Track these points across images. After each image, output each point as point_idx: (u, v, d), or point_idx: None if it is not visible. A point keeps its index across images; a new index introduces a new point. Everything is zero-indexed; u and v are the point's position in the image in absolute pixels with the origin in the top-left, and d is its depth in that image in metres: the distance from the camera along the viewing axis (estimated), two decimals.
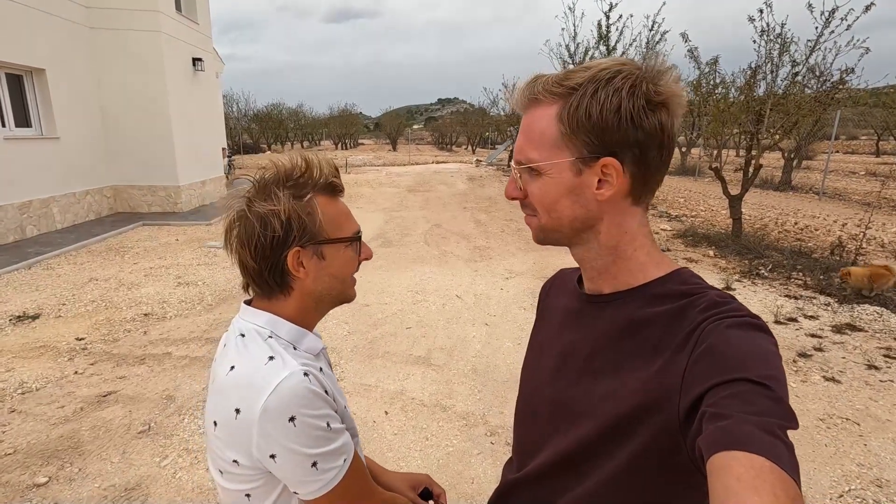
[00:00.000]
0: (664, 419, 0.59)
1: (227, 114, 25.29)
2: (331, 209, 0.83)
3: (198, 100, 11.51)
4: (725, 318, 0.59)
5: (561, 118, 0.65)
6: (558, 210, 0.69)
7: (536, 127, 0.68)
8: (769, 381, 0.52)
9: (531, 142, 0.69)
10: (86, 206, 9.25)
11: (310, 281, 0.82)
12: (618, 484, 0.65)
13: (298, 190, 0.80)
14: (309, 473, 0.74)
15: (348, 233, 0.86)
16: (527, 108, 0.70)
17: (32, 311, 4.81)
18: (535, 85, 0.68)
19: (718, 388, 0.53)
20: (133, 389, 3.43)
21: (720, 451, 0.47)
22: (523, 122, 0.71)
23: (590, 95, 0.63)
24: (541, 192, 0.69)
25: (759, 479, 0.43)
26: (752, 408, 0.50)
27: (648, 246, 0.72)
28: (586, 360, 0.72)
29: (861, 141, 40.97)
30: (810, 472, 2.67)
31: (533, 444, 0.79)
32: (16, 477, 2.54)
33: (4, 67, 7.72)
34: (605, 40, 10.98)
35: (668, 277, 0.69)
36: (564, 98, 0.65)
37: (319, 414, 0.74)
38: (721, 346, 0.56)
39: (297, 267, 0.80)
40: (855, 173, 19.99)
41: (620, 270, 0.71)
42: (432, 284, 5.88)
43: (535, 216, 0.73)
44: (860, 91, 7.37)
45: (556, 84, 0.66)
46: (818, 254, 7.16)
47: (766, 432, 0.47)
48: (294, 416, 0.71)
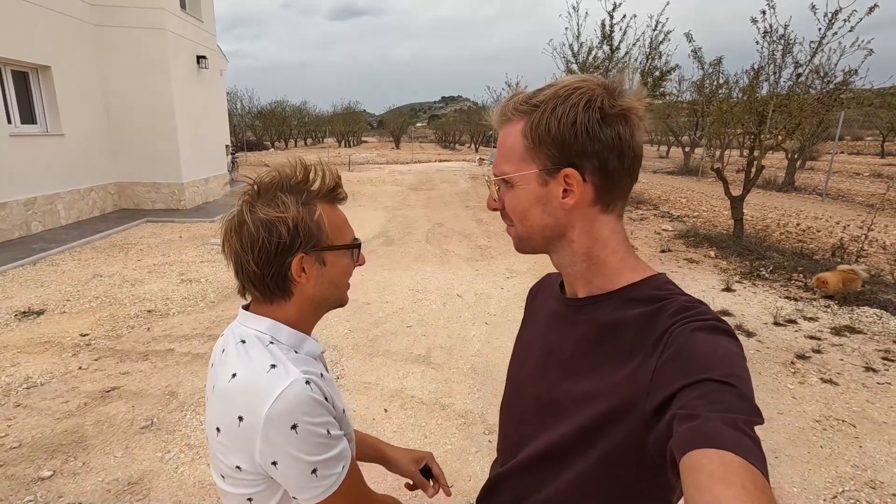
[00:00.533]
0: (634, 419, 0.62)
1: (230, 111, 25.32)
2: (333, 216, 0.85)
3: (202, 97, 11.56)
4: (693, 321, 0.62)
5: (525, 133, 0.71)
6: (529, 219, 0.75)
7: (507, 142, 0.74)
8: (734, 380, 0.55)
9: (503, 156, 0.75)
10: (90, 202, 9.31)
11: (310, 286, 0.83)
12: (591, 479, 0.68)
13: (304, 196, 0.81)
14: (309, 480, 0.76)
15: (348, 240, 0.88)
16: (501, 125, 0.76)
17: (37, 306, 4.87)
18: (508, 104, 0.74)
19: (686, 389, 0.56)
20: (136, 385, 3.48)
21: (691, 449, 0.49)
22: (499, 139, 0.77)
23: (549, 111, 0.69)
24: (513, 202, 0.76)
25: (730, 474, 0.46)
26: (719, 406, 0.52)
27: (622, 252, 0.75)
28: (566, 362, 0.75)
29: (866, 142, 40.76)
30: (804, 474, 2.70)
31: (517, 441, 0.82)
32: (21, 470, 2.58)
33: (10, 64, 7.78)
34: (609, 40, 10.98)
35: (643, 283, 0.72)
36: (528, 115, 0.71)
37: (320, 422, 0.75)
38: (688, 348, 0.60)
39: (300, 273, 0.81)
40: (859, 174, 19.91)
41: (595, 275, 0.75)
42: (433, 283, 5.91)
43: (512, 226, 0.79)
44: (866, 92, 7.35)
45: (522, 102, 0.72)
46: (819, 255, 7.16)
47: (733, 429, 0.50)
48: (296, 423, 0.72)
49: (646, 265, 0.76)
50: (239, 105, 39.29)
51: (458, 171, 21.73)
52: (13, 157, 7.50)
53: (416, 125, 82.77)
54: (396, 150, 40.62)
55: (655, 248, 7.76)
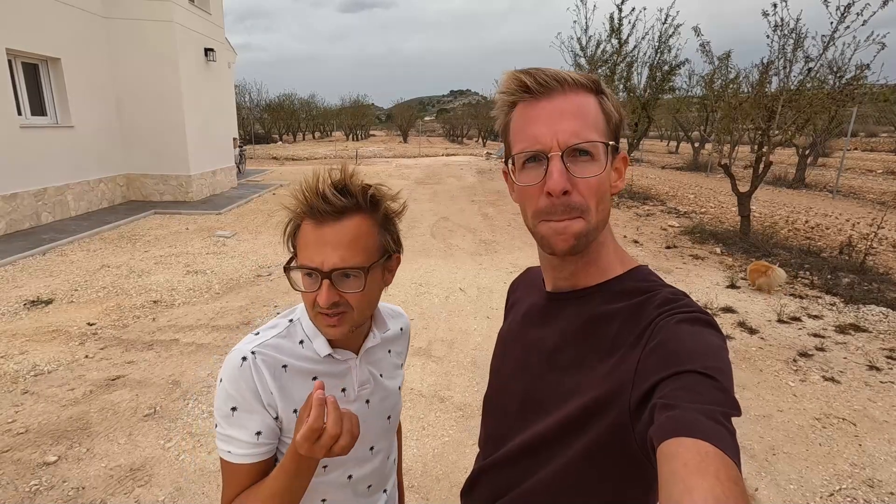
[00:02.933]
0: (618, 411, 0.62)
1: (239, 104, 25.42)
2: (305, 234, 0.84)
3: (210, 90, 11.61)
4: (677, 313, 0.63)
5: (603, 108, 0.68)
6: (606, 200, 0.68)
7: (591, 111, 0.66)
8: (715, 373, 0.55)
9: (589, 126, 0.65)
10: (99, 193, 9.41)
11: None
12: (575, 471, 0.68)
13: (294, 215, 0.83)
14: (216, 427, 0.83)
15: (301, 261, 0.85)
16: (567, 90, 0.66)
17: (46, 296, 4.95)
18: (564, 73, 0.67)
19: (668, 380, 0.56)
20: (140, 374, 3.53)
21: (668, 438, 0.50)
22: (568, 104, 0.66)
23: (607, 95, 0.69)
24: (599, 179, 0.66)
25: (704, 464, 0.46)
26: (699, 397, 0.53)
27: (614, 242, 0.75)
28: (550, 356, 0.75)
29: (881, 138, 40.05)
30: (802, 471, 2.69)
31: (501, 436, 0.82)
32: (27, 455, 2.64)
33: (21, 56, 7.86)
34: (617, 34, 10.86)
35: (629, 275, 0.73)
36: (593, 91, 0.68)
37: (230, 394, 0.80)
38: (671, 340, 0.60)
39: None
40: (872, 171, 19.61)
41: (595, 267, 0.73)
42: (436, 277, 5.93)
43: (580, 217, 0.66)
44: (883, 87, 7.22)
45: (582, 78, 0.68)
46: (827, 253, 7.08)
47: (711, 420, 0.50)
48: (222, 379, 0.82)
49: (630, 256, 0.76)
50: (247, 98, 39.40)
51: (466, 165, 21.67)
52: (24, 149, 7.60)
53: (424, 119, 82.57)
54: (404, 144, 40.59)
55: (661, 245, 7.72)
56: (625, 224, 9.37)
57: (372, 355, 0.94)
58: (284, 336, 0.86)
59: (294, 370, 0.84)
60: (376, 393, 0.94)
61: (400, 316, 1.06)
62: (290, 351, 0.85)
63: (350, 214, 0.78)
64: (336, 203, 0.76)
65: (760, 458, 2.78)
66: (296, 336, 0.86)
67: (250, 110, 39.22)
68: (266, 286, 5.46)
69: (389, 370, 0.99)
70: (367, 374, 0.92)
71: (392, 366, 1.00)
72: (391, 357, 1.00)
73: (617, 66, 11.25)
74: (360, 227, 0.79)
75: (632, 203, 11.87)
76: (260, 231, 8.27)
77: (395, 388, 1.00)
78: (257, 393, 0.80)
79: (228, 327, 4.34)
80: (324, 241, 0.77)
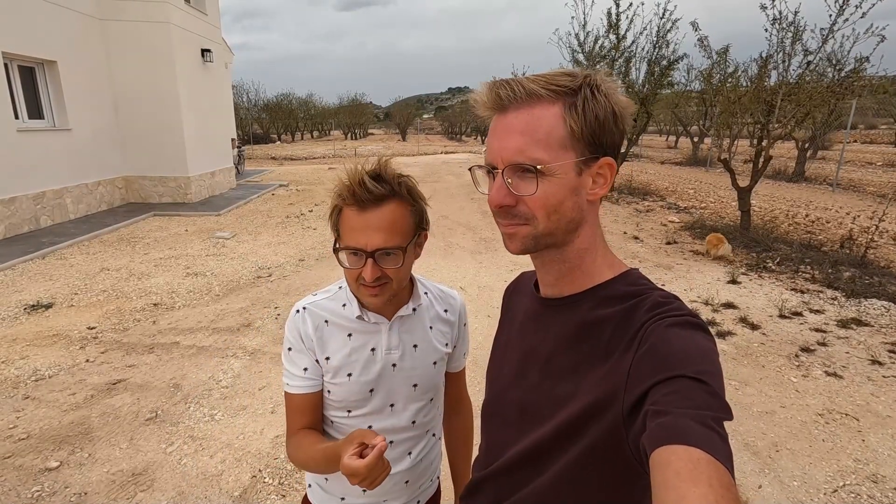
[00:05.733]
0: (612, 417, 0.62)
1: (236, 104, 25.36)
2: (347, 219, 0.99)
3: (207, 91, 11.59)
4: (666, 317, 0.62)
5: (569, 116, 0.64)
6: (561, 212, 0.67)
7: (541, 125, 0.64)
8: (706, 377, 0.55)
9: (535, 141, 0.64)
10: (98, 196, 9.40)
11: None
12: (571, 478, 0.68)
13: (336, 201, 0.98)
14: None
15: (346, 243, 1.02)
16: (519, 105, 0.65)
17: (46, 300, 4.94)
18: (528, 82, 0.65)
19: (659, 385, 0.56)
20: (141, 378, 3.53)
21: (660, 445, 0.50)
22: (518, 120, 0.65)
23: (591, 97, 0.65)
24: (545, 194, 0.66)
25: (697, 471, 0.46)
26: (690, 402, 0.52)
27: (604, 247, 0.75)
28: (545, 363, 0.74)
29: (880, 131, 39.98)
30: (805, 467, 2.68)
31: (500, 444, 0.82)
32: (29, 461, 2.64)
33: (17, 59, 7.83)
34: (615, 29, 10.82)
35: (619, 279, 0.72)
36: (567, 97, 0.65)
37: (287, 337, 1.05)
38: (661, 345, 0.59)
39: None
40: (872, 164, 19.58)
41: (581, 272, 0.73)
42: (436, 276, 5.91)
43: (526, 224, 0.69)
44: (882, 79, 7.19)
45: (552, 84, 0.65)
46: (828, 247, 7.07)
47: (702, 425, 0.50)
48: (287, 322, 1.07)
49: (619, 260, 0.76)
50: (245, 98, 39.34)
51: (465, 163, 21.63)
52: (21, 152, 7.58)
53: (422, 117, 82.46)
54: (402, 142, 40.52)
55: (661, 240, 7.71)
56: (625, 220, 9.36)
57: (406, 324, 1.07)
58: (332, 299, 1.06)
59: (333, 325, 1.04)
60: (405, 360, 1.07)
61: (450, 298, 1.17)
62: (333, 310, 1.05)
63: (388, 200, 0.92)
64: (375, 191, 0.90)
65: (763, 455, 2.77)
66: (340, 299, 1.06)
67: (248, 110, 39.18)
68: (266, 287, 5.45)
69: (427, 345, 1.10)
70: (397, 340, 1.06)
71: (432, 342, 1.11)
72: (433, 333, 1.11)
73: (615, 61, 11.22)
74: (396, 211, 0.93)
75: (631, 199, 11.86)
76: (259, 232, 8.26)
77: (430, 364, 1.10)
78: (301, 338, 1.03)
79: (229, 329, 4.33)
80: (367, 225, 0.91)
